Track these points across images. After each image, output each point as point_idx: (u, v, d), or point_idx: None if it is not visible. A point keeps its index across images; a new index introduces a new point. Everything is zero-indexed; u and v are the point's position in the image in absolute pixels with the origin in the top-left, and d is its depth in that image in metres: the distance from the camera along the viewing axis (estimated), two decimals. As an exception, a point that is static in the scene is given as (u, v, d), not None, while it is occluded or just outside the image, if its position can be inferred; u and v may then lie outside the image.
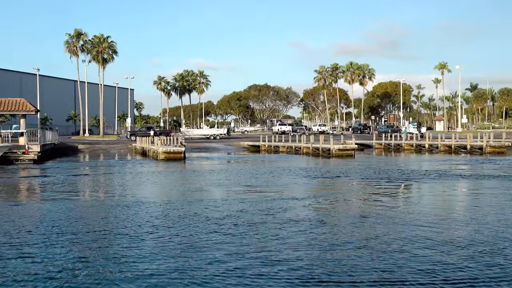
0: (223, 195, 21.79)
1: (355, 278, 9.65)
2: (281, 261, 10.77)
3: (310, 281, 9.55)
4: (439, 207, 18.59)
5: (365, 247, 11.98)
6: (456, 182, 26.97)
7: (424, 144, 61.13)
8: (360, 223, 15.06)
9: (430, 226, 14.41)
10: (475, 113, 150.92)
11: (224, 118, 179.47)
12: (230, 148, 67.67)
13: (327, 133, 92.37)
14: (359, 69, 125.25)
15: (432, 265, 10.39)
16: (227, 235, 13.36)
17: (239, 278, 9.73)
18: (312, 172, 33.19)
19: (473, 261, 10.64)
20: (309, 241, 12.70)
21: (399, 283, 9.37)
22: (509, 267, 10.25)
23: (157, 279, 9.74)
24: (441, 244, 12.21)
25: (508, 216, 16.02)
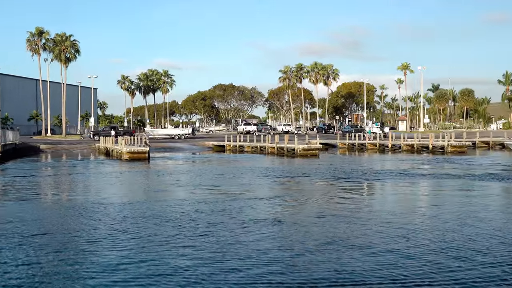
0: (186, 196, 21.63)
1: (312, 278, 9.63)
2: (235, 268, 10.63)
3: (265, 282, 9.49)
4: (399, 206, 18.72)
5: (323, 247, 11.96)
6: (417, 181, 27.33)
7: (387, 144, 61.83)
8: (320, 222, 15.07)
9: (390, 224, 14.52)
10: (437, 113, 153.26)
11: (189, 118, 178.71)
12: (195, 148, 67.42)
13: (292, 133, 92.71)
14: (323, 69, 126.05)
15: (392, 264, 10.44)
16: (186, 237, 13.20)
17: (193, 280, 9.65)
18: (276, 172, 33.25)
19: (432, 260, 10.73)
20: (266, 241, 12.63)
21: (358, 283, 9.40)
22: (468, 264, 10.39)
23: (111, 283, 9.60)
24: (401, 242, 12.30)
25: (465, 214, 16.28)
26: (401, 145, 60.21)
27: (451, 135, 60.27)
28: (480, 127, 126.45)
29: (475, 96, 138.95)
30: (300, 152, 49.82)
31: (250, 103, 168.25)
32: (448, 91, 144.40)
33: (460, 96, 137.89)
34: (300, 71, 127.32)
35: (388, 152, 57.18)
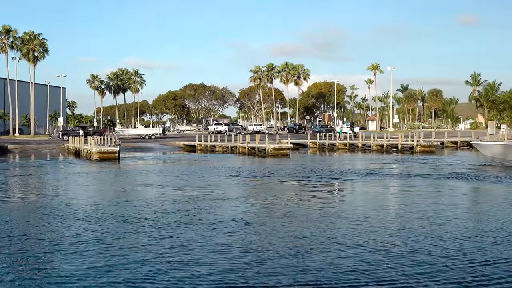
0: (154, 196, 21.47)
1: (279, 278, 9.65)
2: (202, 265, 10.60)
3: (231, 283, 9.48)
4: (368, 206, 18.82)
5: (290, 247, 11.99)
6: (386, 181, 27.60)
7: (357, 144, 62.28)
8: (287, 222, 15.09)
9: (358, 224, 14.64)
10: (406, 113, 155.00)
11: (160, 117, 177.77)
12: (166, 148, 67.08)
13: (263, 133, 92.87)
14: (294, 69, 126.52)
15: (359, 265, 10.51)
16: (152, 238, 13.12)
17: (158, 283, 9.61)
18: (246, 171, 33.28)
19: (401, 259, 10.84)
20: (233, 242, 12.60)
21: (325, 283, 9.45)
22: (435, 263, 10.52)
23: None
24: (369, 242, 12.40)
25: (433, 213, 16.50)
26: (371, 144, 60.70)
27: (420, 135, 60.94)
28: (448, 127, 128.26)
29: (443, 96, 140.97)
30: (271, 152, 49.94)
31: (221, 103, 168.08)
32: (417, 91, 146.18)
33: (428, 97, 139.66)
34: (271, 71, 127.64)
35: (358, 152, 57.61)
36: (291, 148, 52.38)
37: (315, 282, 9.41)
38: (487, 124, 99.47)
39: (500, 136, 69.13)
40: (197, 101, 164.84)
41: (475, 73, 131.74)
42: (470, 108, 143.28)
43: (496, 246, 11.79)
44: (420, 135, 60.70)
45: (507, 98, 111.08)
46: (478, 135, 71.67)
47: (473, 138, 62.69)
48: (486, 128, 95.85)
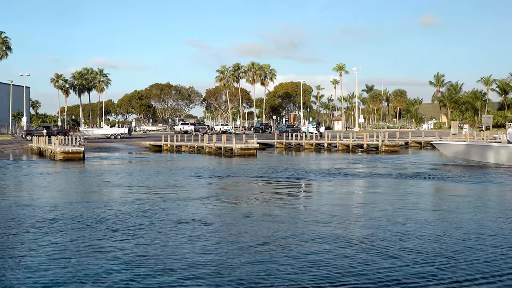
0: (117, 196, 21.27)
1: (240, 280, 9.65)
2: (158, 266, 10.55)
3: (191, 285, 9.47)
4: (332, 205, 18.87)
5: (252, 248, 11.99)
6: (351, 180, 27.86)
7: (324, 144, 62.73)
8: (250, 223, 15.08)
9: (321, 223, 14.74)
10: (371, 113, 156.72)
11: (125, 117, 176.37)
12: (131, 148, 66.55)
13: (230, 133, 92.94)
14: (260, 69, 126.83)
15: (322, 264, 10.58)
16: (112, 239, 12.98)
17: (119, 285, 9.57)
18: (212, 171, 33.22)
19: (365, 258, 10.97)
20: (194, 242, 12.54)
21: (287, 284, 9.49)
22: (398, 262, 10.67)
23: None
24: (332, 242, 12.47)
25: (395, 212, 16.71)
26: (337, 144, 61.22)
27: (385, 135, 61.74)
28: (412, 127, 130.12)
29: (407, 96, 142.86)
30: (238, 151, 49.98)
31: (188, 103, 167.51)
32: (382, 92, 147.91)
33: (393, 97, 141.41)
34: (237, 70, 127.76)
35: (324, 152, 58.01)
36: (257, 148, 52.47)
37: (276, 283, 9.42)
38: (450, 124, 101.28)
39: (463, 136, 70.51)
40: (163, 101, 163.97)
41: (438, 74, 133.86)
42: (433, 108, 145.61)
43: (455, 245, 12.00)
44: (385, 135, 61.48)
45: (469, 98, 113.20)
46: (441, 135, 72.89)
47: (436, 138, 63.74)
48: (449, 128, 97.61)
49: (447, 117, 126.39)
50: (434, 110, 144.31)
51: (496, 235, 12.98)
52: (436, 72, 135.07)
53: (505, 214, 16.26)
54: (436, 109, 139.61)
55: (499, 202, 19.95)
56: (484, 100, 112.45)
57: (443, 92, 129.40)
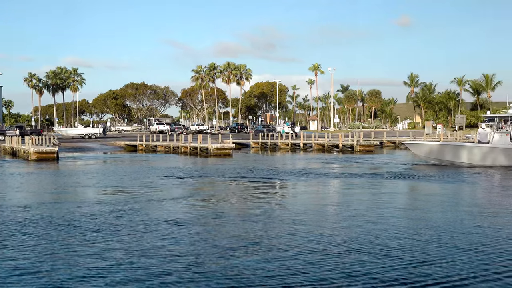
0: (91, 197, 21.10)
1: (214, 281, 9.65)
2: (125, 269, 10.48)
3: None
4: (306, 205, 18.90)
5: (227, 248, 11.99)
6: (326, 180, 28.02)
7: (299, 143, 62.92)
8: (225, 223, 15.10)
9: (295, 223, 14.81)
10: (346, 113, 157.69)
11: (100, 117, 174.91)
12: (106, 148, 66.07)
13: (205, 133, 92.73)
14: (236, 69, 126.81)
15: (296, 265, 10.62)
16: (82, 242, 12.85)
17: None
18: (188, 171, 33.13)
19: (339, 258, 11.03)
20: (167, 243, 12.50)
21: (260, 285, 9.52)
22: (373, 261, 10.76)
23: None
24: (306, 242, 12.52)
25: (369, 212, 16.84)
26: (312, 144, 61.44)
27: (360, 135, 62.12)
28: (387, 126, 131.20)
29: (382, 97, 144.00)
30: (214, 151, 49.93)
31: (163, 103, 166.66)
32: (357, 92, 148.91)
33: (368, 97, 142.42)
34: (213, 70, 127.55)
35: (300, 152, 58.20)
36: (233, 148, 52.47)
37: (249, 283, 9.41)
38: (424, 124, 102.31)
39: (437, 136, 71.26)
40: (139, 101, 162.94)
41: (412, 74, 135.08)
42: (408, 108, 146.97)
43: (429, 245, 12.13)
44: (360, 134, 61.87)
45: (443, 99, 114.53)
46: (415, 135, 73.59)
47: (410, 137, 64.32)
48: (423, 128, 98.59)
49: (421, 117, 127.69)
50: (409, 110, 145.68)
51: (468, 233, 13.16)
52: (410, 73, 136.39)
53: (476, 213, 16.48)
54: (411, 109, 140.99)
55: (471, 201, 20.21)
56: (457, 101, 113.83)
57: (417, 93, 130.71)
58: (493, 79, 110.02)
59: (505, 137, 32.86)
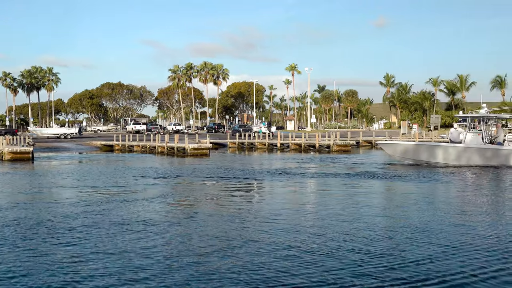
0: (66, 197, 20.88)
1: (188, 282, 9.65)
2: (97, 270, 10.46)
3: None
4: (281, 205, 18.94)
5: (201, 248, 11.99)
6: (302, 179, 28.13)
7: (276, 143, 63.05)
8: (200, 222, 15.09)
9: (271, 223, 14.85)
10: (323, 113, 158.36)
11: (76, 117, 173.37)
12: (82, 148, 65.53)
13: (182, 132, 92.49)
14: (213, 69, 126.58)
15: (272, 265, 10.63)
16: (53, 243, 12.71)
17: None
18: (164, 171, 33.00)
19: (316, 258, 11.11)
20: (141, 244, 12.45)
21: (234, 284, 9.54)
22: (350, 262, 10.86)
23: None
24: (281, 243, 12.55)
25: (345, 212, 16.97)
26: (289, 144, 61.61)
27: (337, 135, 62.40)
28: (363, 126, 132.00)
29: (358, 97, 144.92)
30: (191, 151, 49.83)
31: (140, 102, 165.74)
32: (333, 92, 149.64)
33: (344, 97, 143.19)
34: (190, 70, 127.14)
35: (277, 151, 58.32)
36: (210, 148, 52.44)
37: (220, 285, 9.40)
38: (400, 124, 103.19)
39: (412, 136, 71.92)
40: (115, 100, 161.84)
41: (388, 75, 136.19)
42: (384, 108, 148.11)
43: (406, 244, 12.26)
44: (336, 134, 62.14)
45: (418, 99, 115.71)
46: (391, 134, 74.24)
47: (386, 137, 64.85)
48: (399, 128, 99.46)
49: (397, 117, 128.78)
50: (385, 110, 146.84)
51: (444, 232, 13.32)
52: (386, 73, 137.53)
53: (452, 211, 16.70)
54: (387, 109, 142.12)
55: (445, 200, 20.44)
56: (432, 101, 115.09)
57: (393, 93, 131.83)
58: (468, 80, 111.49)
59: (478, 137, 33.31)
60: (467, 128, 35.20)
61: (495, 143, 33.58)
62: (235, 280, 9.51)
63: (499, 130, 34.63)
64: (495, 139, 33.82)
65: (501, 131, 34.57)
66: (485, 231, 13.56)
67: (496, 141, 33.66)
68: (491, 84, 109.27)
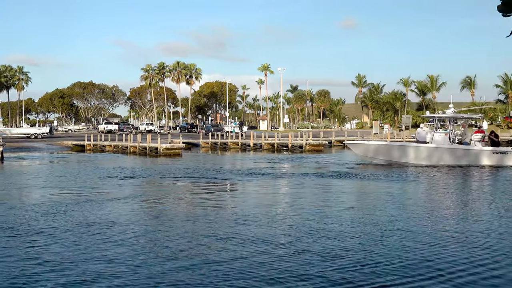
0: (32, 198, 20.60)
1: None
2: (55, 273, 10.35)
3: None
4: (254, 204, 18.96)
5: (170, 250, 11.92)
6: (275, 179, 28.19)
7: (249, 143, 63.13)
8: (159, 224, 15.07)
9: (240, 223, 14.86)
10: (296, 113, 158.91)
11: (47, 116, 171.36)
12: (53, 148, 64.78)
13: (155, 132, 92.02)
14: (186, 68, 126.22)
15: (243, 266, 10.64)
16: (15, 246, 12.52)
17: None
18: (136, 171, 32.77)
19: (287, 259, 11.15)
20: (105, 245, 12.31)
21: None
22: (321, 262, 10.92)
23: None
24: (251, 243, 12.54)
25: (316, 211, 17.05)
26: (262, 144, 61.73)
27: (309, 134, 62.65)
28: (336, 126, 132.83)
29: (331, 97, 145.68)
30: (163, 151, 49.64)
31: (112, 102, 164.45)
32: (306, 92, 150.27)
33: (317, 97, 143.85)
34: (162, 69, 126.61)
35: (250, 151, 58.38)
36: (183, 148, 52.31)
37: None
38: (371, 124, 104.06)
39: (384, 136, 72.56)
40: (86, 100, 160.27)
41: (360, 75, 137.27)
42: (356, 108, 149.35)
43: (375, 244, 12.38)
44: (309, 134, 62.41)
45: (390, 99, 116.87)
46: (363, 134, 74.77)
47: (358, 137, 65.36)
48: (371, 127, 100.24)
49: (369, 117, 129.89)
50: (357, 110, 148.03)
51: (413, 232, 13.48)
52: (358, 73, 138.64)
53: (420, 211, 16.92)
54: (359, 109, 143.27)
55: (414, 199, 20.68)
56: (403, 101, 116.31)
57: (365, 93, 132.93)
58: (438, 80, 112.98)
59: (445, 137, 33.62)
60: (434, 128, 35.47)
61: (462, 143, 33.94)
62: (200, 283, 9.50)
63: (465, 130, 35.01)
64: (462, 139, 34.17)
65: (467, 131, 34.97)
66: (454, 229, 13.76)
67: (463, 141, 34.03)
68: (461, 85, 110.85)
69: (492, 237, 12.80)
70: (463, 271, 9.97)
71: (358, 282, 9.32)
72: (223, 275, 9.72)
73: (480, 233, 13.18)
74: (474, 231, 13.50)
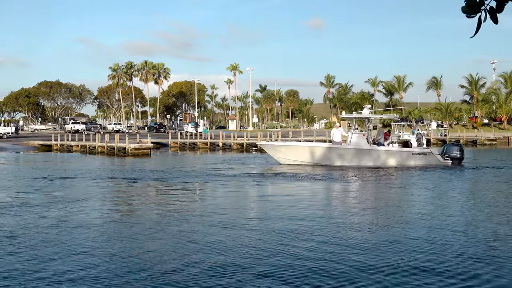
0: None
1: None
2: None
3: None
4: (215, 206, 18.81)
5: (133, 254, 11.84)
6: (243, 179, 28.16)
7: (218, 143, 63.11)
8: (132, 225, 14.97)
9: (199, 223, 14.83)
10: (265, 113, 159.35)
11: (12, 116, 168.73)
12: (19, 148, 63.79)
13: (123, 132, 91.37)
14: (154, 68, 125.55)
15: (206, 268, 10.55)
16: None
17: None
18: (103, 172, 32.37)
19: (249, 260, 11.18)
20: (61, 250, 12.13)
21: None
22: (279, 262, 10.97)
23: None
24: (213, 244, 12.49)
25: (273, 211, 17.14)
26: (231, 144, 61.75)
27: (278, 134, 62.98)
28: (304, 126, 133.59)
29: (299, 97, 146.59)
30: (132, 151, 49.30)
31: (79, 101, 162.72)
32: (275, 92, 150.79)
33: (286, 97, 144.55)
34: (130, 69, 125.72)
35: (219, 151, 58.33)
36: (152, 148, 52.04)
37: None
38: (340, 123, 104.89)
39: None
40: (53, 99, 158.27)
41: (328, 75, 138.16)
42: (325, 108, 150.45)
43: (323, 245, 12.46)
44: (278, 134, 62.75)
45: (358, 99, 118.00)
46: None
47: (327, 136, 65.78)
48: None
49: (337, 117, 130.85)
50: (325, 110, 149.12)
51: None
52: (327, 73, 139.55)
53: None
54: (327, 109, 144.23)
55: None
56: (371, 101, 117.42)
57: (333, 93, 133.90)
58: (405, 81, 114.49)
59: (363, 138, 32.84)
60: (352, 128, 34.63)
61: (378, 143, 33.37)
62: (167, 280, 9.46)
63: (380, 131, 34.88)
64: (377, 140, 33.64)
65: (381, 132, 34.53)
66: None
67: (378, 142, 33.48)
68: (427, 85, 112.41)
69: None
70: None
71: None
72: (185, 274, 9.68)
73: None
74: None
